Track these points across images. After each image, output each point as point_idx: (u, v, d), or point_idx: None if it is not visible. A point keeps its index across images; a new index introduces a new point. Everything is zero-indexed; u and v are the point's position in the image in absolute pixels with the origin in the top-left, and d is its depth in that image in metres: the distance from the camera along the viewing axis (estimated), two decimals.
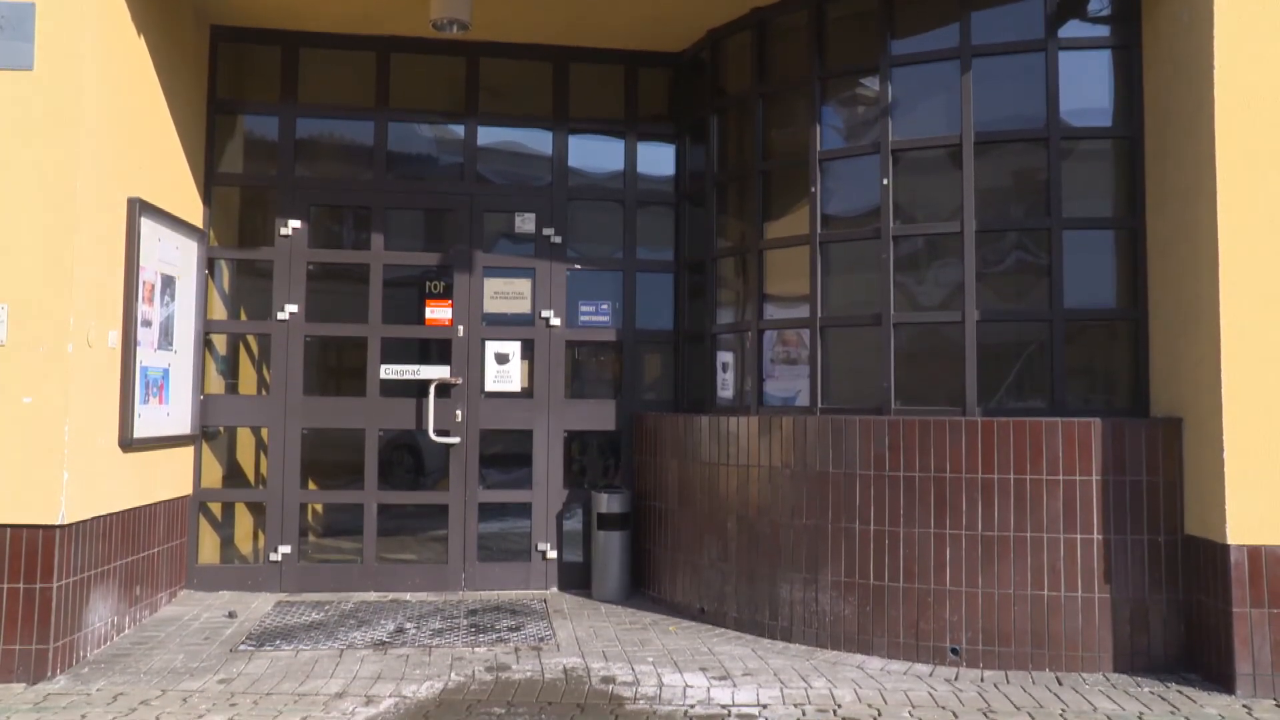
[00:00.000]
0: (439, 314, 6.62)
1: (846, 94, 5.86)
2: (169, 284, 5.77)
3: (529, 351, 6.71)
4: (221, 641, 5.18)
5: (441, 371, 6.57)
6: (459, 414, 6.55)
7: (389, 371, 6.52)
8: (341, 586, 6.37)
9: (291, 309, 6.45)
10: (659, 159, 7.05)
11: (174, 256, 5.83)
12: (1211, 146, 4.55)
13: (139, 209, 5.26)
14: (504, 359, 6.65)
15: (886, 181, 5.46)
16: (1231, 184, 4.52)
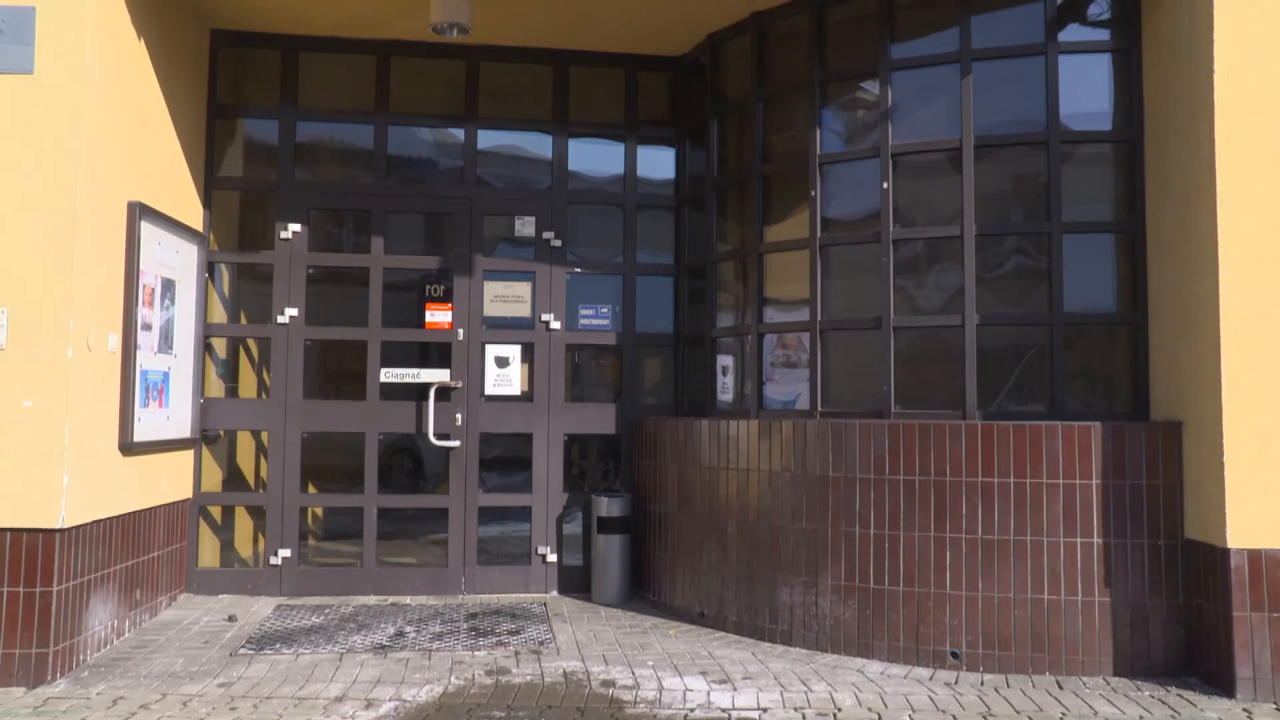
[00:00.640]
0: (439, 317, 6.62)
1: (846, 98, 5.87)
2: (169, 288, 5.77)
3: (529, 355, 6.71)
4: (221, 645, 5.17)
5: (441, 375, 6.57)
6: (459, 417, 6.55)
7: (389, 375, 6.52)
8: (341, 590, 6.37)
9: (291, 312, 6.45)
10: (659, 162, 7.05)
11: (174, 260, 5.83)
12: (1211, 150, 4.55)
13: (139, 213, 5.26)
14: (504, 362, 6.65)
15: (886, 185, 5.47)
16: (1231, 187, 4.52)
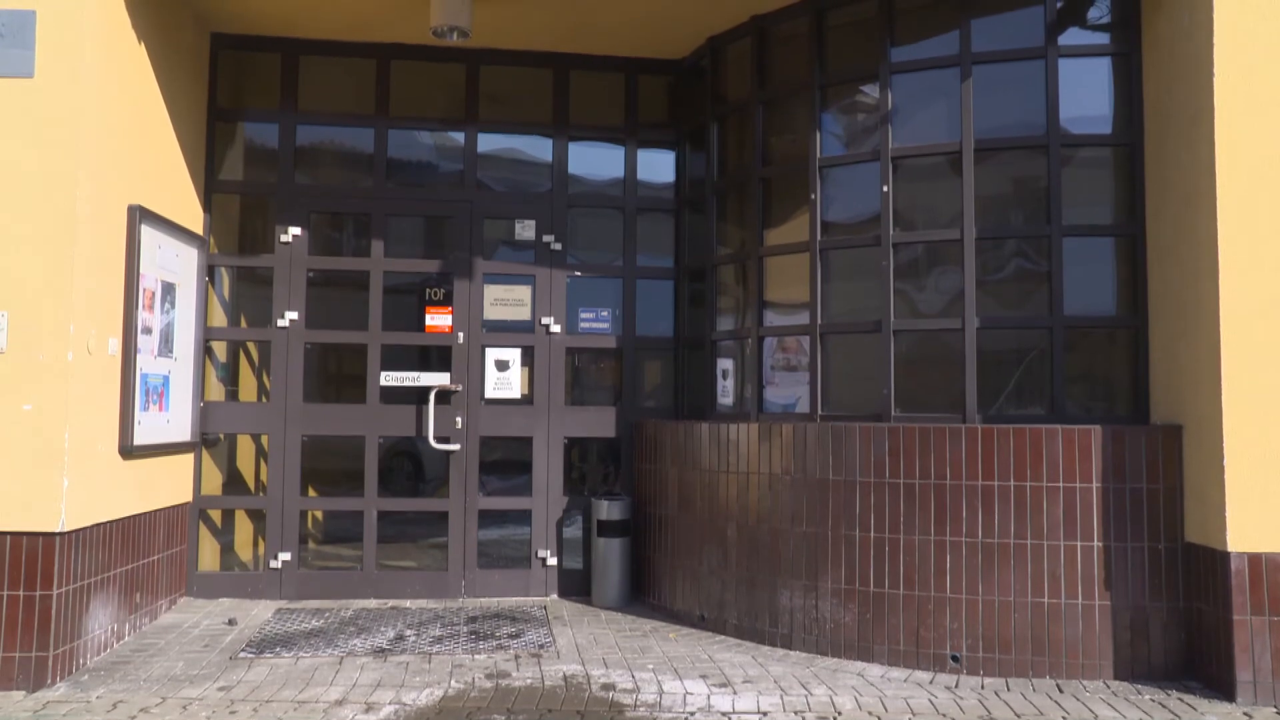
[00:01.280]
0: (439, 321, 6.62)
1: (846, 101, 5.87)
2: (169, 291, 5.77)
3: (529, 358, 6.71)
4: (221, 649, 5.17)
5: (441, 378, 6.56)
6: (459, 421, 6.55)
7: (389, 378, 6.52)
8: (341, 593, 6.36)
9: (291, 316, 6.45)
10: (659, 166, 7.05)
11: (174, 264, 5.83)
12: (1211, 152, 4.55)
13: (139, 216, 5.26)
14: (504, 366, 6.65)
15: (886, 188, 5.47)
16: (1232, 190, 4.52)
